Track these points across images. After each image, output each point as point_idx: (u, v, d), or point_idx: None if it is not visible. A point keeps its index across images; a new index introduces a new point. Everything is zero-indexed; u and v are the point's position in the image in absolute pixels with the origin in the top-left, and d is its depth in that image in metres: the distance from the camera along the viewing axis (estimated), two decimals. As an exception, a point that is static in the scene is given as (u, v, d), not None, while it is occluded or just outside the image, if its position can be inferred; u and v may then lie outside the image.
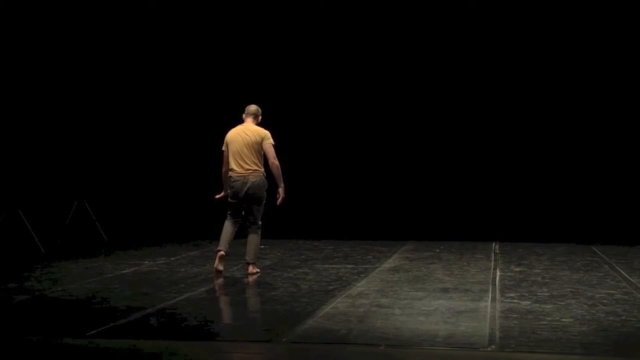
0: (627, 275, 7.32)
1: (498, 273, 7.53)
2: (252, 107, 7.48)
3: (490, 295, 6.32)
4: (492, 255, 8.86)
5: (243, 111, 7.58)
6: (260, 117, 7.50)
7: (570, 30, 10.22)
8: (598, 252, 8.99)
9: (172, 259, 8.55)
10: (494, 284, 6.88)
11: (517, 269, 7.79)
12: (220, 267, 7.24)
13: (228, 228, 7.33)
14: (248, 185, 7.19)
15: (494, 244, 9.71)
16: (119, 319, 5.44)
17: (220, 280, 7.12)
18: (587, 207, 10.11)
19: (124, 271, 7.69)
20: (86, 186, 10.68)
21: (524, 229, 10.05)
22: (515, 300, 6.09)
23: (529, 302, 6.00)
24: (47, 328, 5.28)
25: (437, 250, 9.18)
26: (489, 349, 4.69)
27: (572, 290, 6.55)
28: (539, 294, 6.40)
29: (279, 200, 7.32)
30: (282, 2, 10.71)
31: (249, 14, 10.80)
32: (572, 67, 10.24)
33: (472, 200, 10.42)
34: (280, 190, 7.28)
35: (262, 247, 9.35)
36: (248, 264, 7.40)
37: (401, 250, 9.21)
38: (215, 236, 10.20)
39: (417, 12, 10.50)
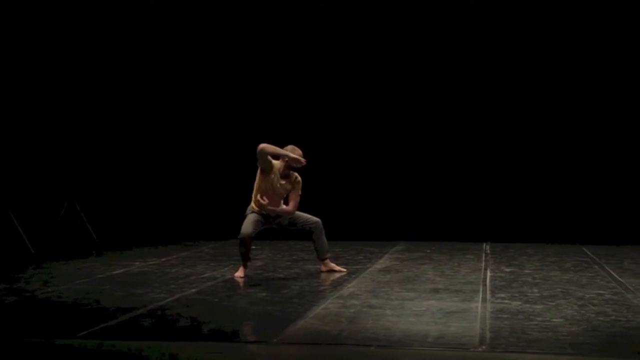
0: (616, 276, 7.35)
1: (489, 273, 7.55)
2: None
3: (481, 296, 6.34)
4: (483, 255, 8.88)
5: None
6: (284, 159, 7.26)
7: (561, 30, 10.25)
8: (588, 252, 9.03)
9: (163, 259, 8.54)
10: (484, 285, 6.90)
11: (508, 270, 7.82)
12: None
13: None
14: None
15: (484, 245, 9.73)
16: (110, 320, 5.42)
17: (211, 282, 7.12)
18: (578, 207, 10.15)
19: (115, 272, 7.67)
20: (77, 187, 10.65)
21: (515, 229, 10.08)
22: (506, 301, 6.10)
23: (519, 303, 6.02)
24: (37, 329, 5.26)
25: (428, 251, 9.19)
26: (480, 349, 4.70)
27: (563, 291, 6.57)
28: (529, 294, 6.42)
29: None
30: (288, 5, 10.68)
31: (251, 15, 10.77)
32: (565, 68, 10.27)
33: (463, 201, 10.43)
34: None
35: (254, 247, 9.35)
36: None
37: (392, 251, 9.22)
38: (207, 236, 10.25)
39: (416, 14, 10.50)
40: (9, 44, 10.70)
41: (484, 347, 4.74)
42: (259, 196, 7.18)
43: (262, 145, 7.13)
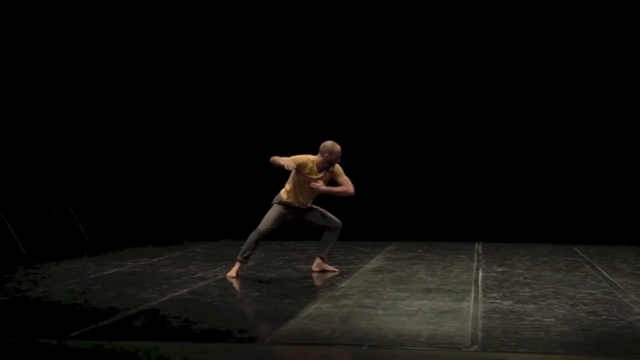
0: (607, 275, 7.38)
1: (481, 273, 7.57)
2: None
3: (472, 296, 6.36)
4: (475, 255, 8.90)
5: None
6: (325, 154, 7.33)
7: (558, 31, 10.28)
8: (579, 252, 9.07)
9: (155, 259, 8.52)
10: (476, 284, 6.92)
11: (500, 269, 7.84)
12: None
13: None
14: None
15: (476, 245, 9.76)
16: (102, 320, 5.41)
17: (204, 282, 7.11)
18: (569, 207, 10.18)
19: (107, 272, 7.65)
20: (69, 187, 10.61)
21: (507, 229, 10.10)
22: (498, 301, 6.12)
23: (511, 302, 6.04)
24: (28, 330, 5.24)
25: (420, 251, 9.21)
26: (472, 349, 4.71)
27: (554, 290, 6.60)
28: (521, 294, 6.43)
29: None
30: (296, 6, 10.66)
31: (254, 15, 10.75)
32: (557, 70, 10.30)
33: (455, 201, 10.45)
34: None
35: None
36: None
37: (384, 251, 9.23)
38: (198, 236, 10.24)
39: (415, 14, 10.50)
40: (2, 45, 10.66)
41: (475, 346, 4.75)
42: (312, 183, 7.23)
43: (270, 160, 7.25)
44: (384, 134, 10.69)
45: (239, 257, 7.37)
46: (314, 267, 7.59)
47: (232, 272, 7.32)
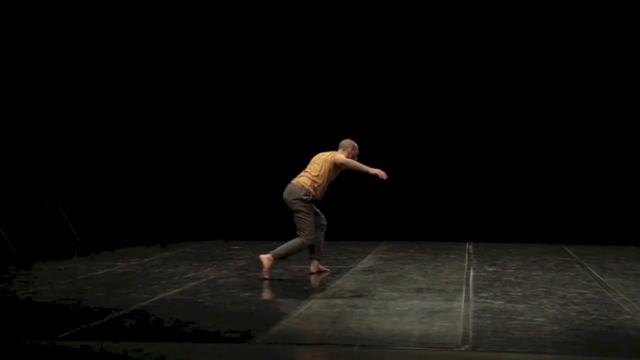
0: (598, 275, 7.41)
1: (472, 273, 7.59)
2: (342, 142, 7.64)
3: (463, 296, 6.37)
4: (466, 255, 8.92)
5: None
6: (348, 149, 7.54)
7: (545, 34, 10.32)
8: (570, 252, 9.10)
9: (146, 260, 8.50)
10: (467, 284, 6.93)
11: (491, 269, 7.86)
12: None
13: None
14: (286, 189, 7.36)
15: (467, 245, 9.78)
16: (92, 321, 5.40)
17: (194, 282, 7.10)
18: (560, 207, 10.21)
19: (97, 272, 7.63)
20: (59, 188, 10.58)
21: (498, 229, 10.13)
22: (489, 300, 6.14)
23: (502, 302, 6.06)
24: (18, 330, 5.22)
25: (412, 251, 9.22)
26: (463, 348, 4.72)
27: (545, 290, 6.62)
28: (511, 293, 6.45)
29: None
30: (295, 6, 10.65)
31: (248, 15, 10.73)
32: (555, 70, 10.32)
33: (446, 201, 10.47)
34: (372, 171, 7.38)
35: (237, 247, 9.36)
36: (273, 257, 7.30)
37: (375, 251, 9.24)
38: (189, 237, 10.23)
39: (414, 14, 10.50)
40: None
41: (466, 346, 4.76)
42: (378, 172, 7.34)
43: (345, 163, 7.50)
44: (375, 134, 10.67)
45: (275, 255, 7.23)
46: (313, 269, 7.53)
47: (266, 269, 7.17)
